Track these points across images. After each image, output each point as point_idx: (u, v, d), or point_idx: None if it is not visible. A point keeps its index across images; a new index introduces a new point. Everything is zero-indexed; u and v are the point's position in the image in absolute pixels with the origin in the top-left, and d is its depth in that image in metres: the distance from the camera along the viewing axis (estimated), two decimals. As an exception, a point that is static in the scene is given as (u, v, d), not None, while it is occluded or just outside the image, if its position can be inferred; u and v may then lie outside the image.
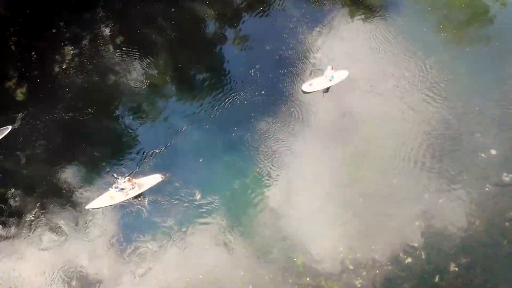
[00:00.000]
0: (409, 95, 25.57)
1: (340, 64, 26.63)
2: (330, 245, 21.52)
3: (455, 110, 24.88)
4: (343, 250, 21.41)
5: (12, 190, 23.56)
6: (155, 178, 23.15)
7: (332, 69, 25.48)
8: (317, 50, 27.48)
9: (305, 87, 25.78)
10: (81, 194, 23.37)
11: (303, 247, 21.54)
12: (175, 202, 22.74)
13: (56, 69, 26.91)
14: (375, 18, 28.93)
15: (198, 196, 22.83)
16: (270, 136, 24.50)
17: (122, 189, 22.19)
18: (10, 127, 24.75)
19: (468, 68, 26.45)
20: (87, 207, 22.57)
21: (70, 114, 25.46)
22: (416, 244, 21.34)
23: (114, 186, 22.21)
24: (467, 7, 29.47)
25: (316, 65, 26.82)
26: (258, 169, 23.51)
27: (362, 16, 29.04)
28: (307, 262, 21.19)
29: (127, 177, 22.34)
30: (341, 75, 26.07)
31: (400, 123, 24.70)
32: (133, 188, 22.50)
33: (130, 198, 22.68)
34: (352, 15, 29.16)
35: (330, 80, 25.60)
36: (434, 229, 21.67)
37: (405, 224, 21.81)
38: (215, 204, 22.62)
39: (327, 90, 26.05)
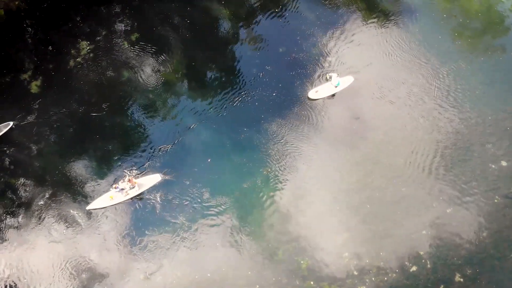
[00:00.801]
0: (421, 102, 25.52)
1: (351, 69, 26.76)
2: (335, 250, 21.57)
3: (468, 119, 24.77)
4: (348, 255, 21.44)
5: (23, 181, 23.80)
6: (155, 178, 23.18)
7: (337, 76, 25.52)
8: (330, 54, 27.50)
9: (311, 94, 25.76)
10: (90, 188, 23.56)
11: (309, 251, 21.61)
12: (184, 202, 22.84)
13: (71, 63, 27.17)
14: (389, 24, 28.91)
15: (206, 196, 22.97)
16: (279, 139, 24.57)
17: (122, 189, 22.37)
18: (11, 123, 24.71)
19: (482, 78, 26.33)
20: (88, 208, 22.64)
21: (83, 108, 25.70)
22: (422, 253, 21.31)
23: (114, 186, 22.43)
24: (483, 16, 29.30)
25: (327, 69, 26.81)
26: (266, 171, 23.60)
27: (376, 21, 29.01)
28: (312, 266, 21.26)
29: (127, 177, 22.49)
30: (346, 81, 26.03)
31: (411, 130, 24.67)
32: (133, 188, 22.60)
33: (130, 198, 22.77)
34: (366, 19, 29.12)
35: (336, 87, 25.60)
36: (441, 238, 21.62)
37: (412, 232, 21.77)
38: (223, 204, 22.77)
39: (333, 96, 26.02)
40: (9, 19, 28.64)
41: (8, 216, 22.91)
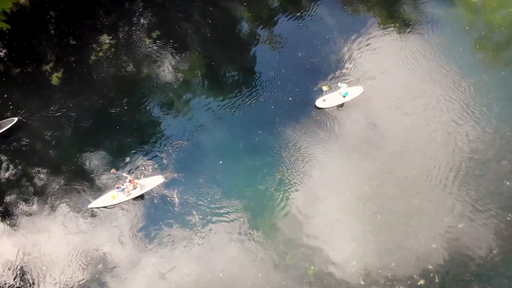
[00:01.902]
0: (438, 115, 25.33)
1: (366, 76, 26.69)
2: (343, 258, 21.51)
3: (484, 135, 24.50)
4: (356, 264, 21.39)
5: (39, 170, 24.27)
6: (157, 180, 23.26)
7: (346, 86, 25.47)
8: (347, 61, 27.50)
9: (319, 103, 25.69)
10: (100, 182, 23.81)
11: (316, 257, 21.59)
12: (193, 202, 22.95)
13: (92, 57, 27.61)
14: (410, 33, 28.77)
15: (216, 197, 23.06)
16: (293, 144, 24.62)
17: (123, 189, 22.63)
18: (16, 119, 24.99)
19: (501, 93, 26.02)
20: (90, 206, 22.85)
21: (101, 102, 26.12)
22: (431, 267, 21.17)
23: (116, 186, 22.69)
24: (506, 29, 28.94)
25: (342, 77, 26.74)
26: (279, 176, 23.64)
27: (397, 30, 28.88)
28: (319, 273, 21.23)
29: (129, 178, 22.70)
30: (355, 91, 25.92)
31: (427, 142, 24.47)
32: (135, 188, 22.81)
33: (132, 199, 22.98)
34: (387, 27, 29.02)
35: (344, 97, 25.55)
36: (451, 253, 21.44)
37: (421, 245, 21.63)
38: (232, 206, 22.84)
39: (341, 106, 25.93)
40: (33, 9, 29.27)
41: (20, 203, 23.38)
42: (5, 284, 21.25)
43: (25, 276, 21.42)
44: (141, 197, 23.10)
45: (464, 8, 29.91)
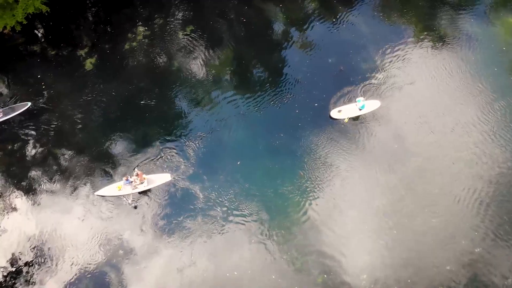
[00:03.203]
0: (466, 134, 24.87)
1: (395, 89, 26.47)
2: (354, 271, 21.39)
3: (513, 160, 23.98)
4: (366, 278, 21.24)
5: (65, 151, 24.87)
6: (165, 177, 23.44)
7: (364, 99, 25.26)
8: (377, 71, 27.24)
9: (334, 113, 25.49)
10: (120, 169, 24.23)
11: (327, 266, 21.55)
12: (217, 199, 23.17)
13: (127, 46, 28.15)
14: (445, 48, 28.28)
15: (236, 195, 23.24)
16: (315, 150, 24.55)
17: (131, 182, 22.91)
18: (29, 103, 25.55)
19: (536, 118, 25.37)
20: (97, 193, 23.23)
21: (131, 91, 26.59)
22: (443, 289, 20.97)
23: (124, 178, 23.00)
24: (545, 53, 28.10)
25: (370, 87, 26.57)
26: (298, 181, 23.62)
27: (432, 44, 28.39)
28: (328, 281, 21.17)
29: (137, 172, 23.00)
30: (372, 105, 25.63)
31: (452, 161, 24.06)
32: (142, 183, 23.05)
33: (138, 193, 23.21)
34: (422, 40, 28.56)
35: (360, 109, 25.30)
36: (465, 277, 21.07)
37: (435, 266, 21.34)
38: (251, 207, 23.00)
39: (356, 118, 25.64)
40: (74, -6, 29.93)
41: (42, 182, 24.00)
42: (25, 261, 21.99)
43: (45, 254, 22.08)
44: (147, 192, 23.32)
45: (502, 28, 29.15)
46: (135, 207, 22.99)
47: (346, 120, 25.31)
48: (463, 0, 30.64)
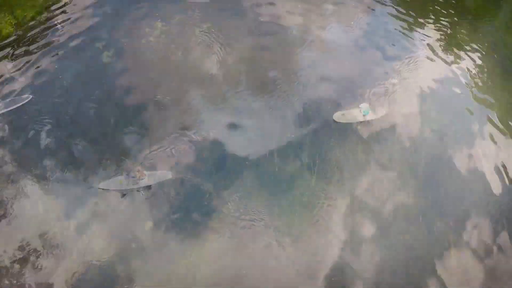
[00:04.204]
0: (492, 158, 24.23)
1: (408, 98, 26.27)
2: (362, 282, 20.76)
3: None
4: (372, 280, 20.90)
5: (78, 141, 24.72)
6: (165, 174, 23.46)
7: (369, 106, 25.10)
8: (390, 78, 27.09)
9: (337, 116, 25.31)
10: (129, 159, 24.00)
11: (338, 273, 20.98)
12: (228, 196, 22.83)
13: (143, 40, 28.27)
14: (465, 60, 27.93)
15: (247, 195, 22.84)
16: (328, 154, 24.20)
17: (132, 177, 22.97)
18: (31, 96, 25.83)
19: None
20: (99, 186, 23.19)
21: (145, 86, 26.55)
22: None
23: (125, 172, 23.06)
24: None
25: (378, 94, 26.42)
26: (309, 184, 23.30)
27: (450, 57, 28.11)
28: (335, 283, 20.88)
29: (137, 167, 23.02)
30: (378, 112, 25.44)
31: (466, 177, 23.61)
32: (142, 179, 23.11)
33: (137, 188, 23.15)
34: (439, 50, 28.35)
35: (364, 115, 25.13)
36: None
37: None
38: (262, 207, 22.53)
39: (360, 124, 25.32)
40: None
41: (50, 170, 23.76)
42: (32, 249, 22.11)
43: (52, 242, 22.20)
44: (147, 188, 23.14)
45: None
46: (143, 196, 22.91)
47: (358, 126, 25.18)
48: (482, 11, 30.34)
